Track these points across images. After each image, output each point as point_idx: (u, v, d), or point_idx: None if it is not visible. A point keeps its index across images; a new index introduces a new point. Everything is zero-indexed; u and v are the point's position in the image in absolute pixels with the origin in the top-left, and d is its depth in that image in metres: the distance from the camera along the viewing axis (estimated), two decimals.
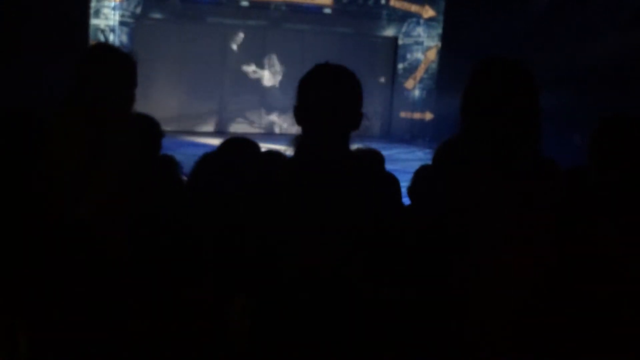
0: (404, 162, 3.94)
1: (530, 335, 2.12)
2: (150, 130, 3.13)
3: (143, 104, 2.99)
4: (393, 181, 2.30)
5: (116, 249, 2.56)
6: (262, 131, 15.84)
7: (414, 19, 16.25)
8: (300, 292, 2.10)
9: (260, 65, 15.99)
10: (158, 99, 13.62)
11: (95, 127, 2.58)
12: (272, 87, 16.09)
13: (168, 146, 3.36)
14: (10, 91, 10.40)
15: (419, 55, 16.44)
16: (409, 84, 16.55)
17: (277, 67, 16.04)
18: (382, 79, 16.69)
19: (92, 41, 13.66)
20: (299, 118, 2.17)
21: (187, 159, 3.06)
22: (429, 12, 16.17)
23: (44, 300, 2.55)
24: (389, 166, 3.75)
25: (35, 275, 2.54)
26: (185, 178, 3.06)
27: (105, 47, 3.03)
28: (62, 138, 2.59)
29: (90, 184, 2.55)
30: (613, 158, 2.37)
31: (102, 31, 13.88)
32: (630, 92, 10.49)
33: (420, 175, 3.33)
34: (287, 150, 2.24)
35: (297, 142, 2.18)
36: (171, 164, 3.29)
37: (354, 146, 2.23)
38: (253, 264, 2.18)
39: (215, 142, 3.16)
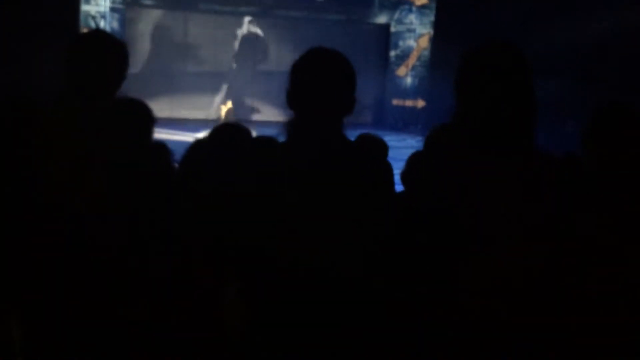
0: (396, 150, 3.93)
1: (526, 321, 2.12)
2: (142, 116, 3.10)
3: (133, 90, 2.97)
4: (386, 167, 2.29)
5: (110, 238, 2.55)
6: (258, 118, 15.80)
7: (406, 6, 16.21)
8: (295, 279, 2.09)
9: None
10: (148, 84, 13.54)
11: (88, 115, 2.56)
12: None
13: (160, 133, 3.34)
14: (1, 76, 10.34)
15: (411, 42, 16.41)
16: (401, 71, 16.52)
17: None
18: (374, 67, 16.65)
19: (82, 27, 13.57)
20: (292, 102, 2.16)
21: (179, 146, 3.04)
22: None
23: (38, 293, 2.54)
24: None
25: (30, 267, 2.52)
26: (176, 165, 3.04)
27: (97, 33, 3.01)
28: (55, 128, 2.58)
29: (84, 174, 2.53)
30: (608, 146, 2.36)
31: (93, 17, 13.78)
32: (623, 79, 10.49)
33: (414, 161, 3.31)
34: (280, 135, 2.23)
35: (290, 127, 2.17)
36: (163, 151, 3.27)
37: (358, 132, 2.23)
38: (247, 251, 2.18)
39: (208, 129, 3.13)
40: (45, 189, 2.55)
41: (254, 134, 3.10)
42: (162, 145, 3.28)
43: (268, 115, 15.14)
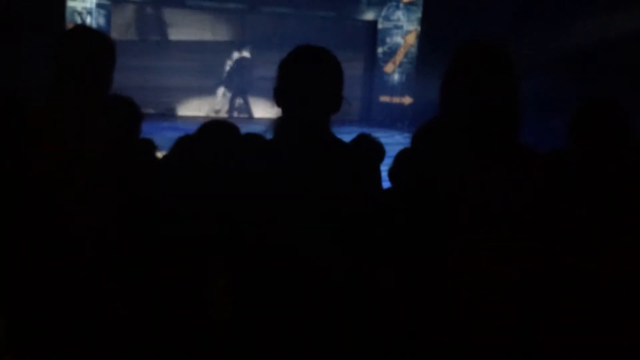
0: (384, 146, 3.95)
1: (514, 318, 2.14)
2: (129, 112, 3.11)
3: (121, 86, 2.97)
4: (373, 164, 2.30)
5: (97, 233, 2.55)
6: (244, 115, 15.80)
7: (394, 3, 16.24)
8: (282, 273, 2.10)
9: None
10: (137, 81, 13.49)
11: (75, 111, 2.55)
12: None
13: (148, 129, 3.34)
14: None
15: (398, 39, 16.44)
16: (389, 68, 16.54)
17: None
18: (362, 63, 16.67)
19: (69, 23, 13.49)
20: (279, 99, 2.16)
21: (167, 142, 3.04)
22: None
23: (25, 288, 2.53)
24: None
25: (16, 262, 2.52)
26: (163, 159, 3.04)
27: (83, 29, 2.99)
28: (42, 122, 2.57)
29: (71, 169, 2.52)
30: (592, 140, 2.39)
31: (79, 13, 13.71)
32: (610, 75, 10.56)
33: (401, 158, 3.33)
34: (267, 132, 2.23)
35: (277, 124, 2.18)
36: (149, 146, 3.28)
37: (357, 132, 2.23)
38: (235, 246, 2.18)
39: (195, 125, 3.13)
40: (32, 183, 2.54)
41: (242, 130, 3.10)
42: (148, 140, 3.28)
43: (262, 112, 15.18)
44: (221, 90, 16.00)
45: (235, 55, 15.98)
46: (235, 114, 15.75)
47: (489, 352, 2.10)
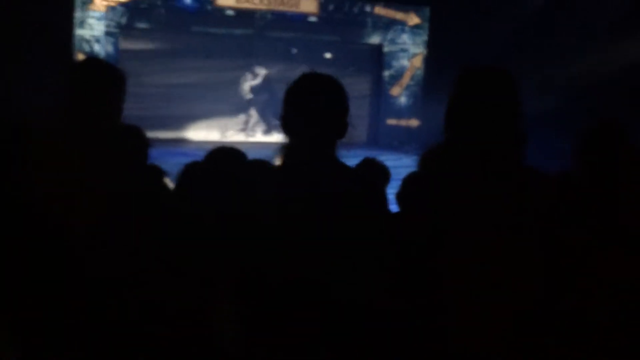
0: (392, 169, 3.96)
1: (518, 343, 2.13)
2: (136, 140, 3.13)
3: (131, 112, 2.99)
4: (378, 189, 2.30)
5: (105, 259, 2.56)
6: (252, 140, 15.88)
7: (399, 27, 16.32)
8: (286, 299, 2.10)
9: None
10: (146, 107, 13.58)
11: (83, 140, 2.58)
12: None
13: (156, 155, 3.35)
14: None
15: (404, 62, 16.50)
16: (395, 91, 16.60)
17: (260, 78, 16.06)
18: (368, 87, 16.74)
19: (77, 52, 13.63)
20: (286, 127, 2.18)
21: (175, 169, 3.05)
22: (414, 19, 16.24)
23: (33, 312, 2.54)
24: None
25: (25, 289, 2.53)
26: (171, 187, 3.05)
27: (95, 61, 3.03)
28: (51, 151, 2.59)
29: (79, 197, 2.54)
30: (598, 162, 2.39)
31: (87, 41, 13.84)
32: (617, 98, 10.57)
33: (408, 182, 3.33)
34: (274, 159, 2.25)
35: (284, 151, 2.19)
36: (157, 173, 3.29)
37: (363, 157, 2.24)
38: (240, 272, 2.18)
39: (203, 151, 3.15)
40: (39, 211, 2.55)
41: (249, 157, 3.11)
42: (156, 167, 3.29)
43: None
44: (243, 115, 16.11)
45: (247, 78, 16.08)
46: (259, 136, 15.83)
47: None
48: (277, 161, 2.22)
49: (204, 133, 15.75)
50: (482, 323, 2.12)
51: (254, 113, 16.18)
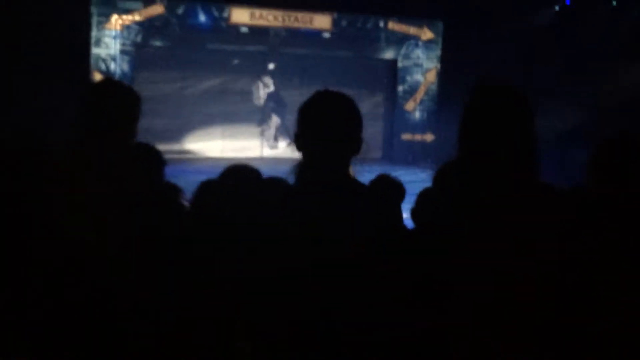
0: (407, 184, 3.95)
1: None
2: (152, 159, 3.15)
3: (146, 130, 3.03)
4: (392, 206, 2.31)
5: (122, 279, 2.57)
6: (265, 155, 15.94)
7: (413, 41, 16.35)
8: (302, 316, 2.10)
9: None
10: (160, 124, 13.68)
11: (100, 160, 2.61)
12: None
13: (172, 173, 3.38)
14: (11, 119, 10.47)
15: (418, 77, 16.53)
16: (409, 105, 16.61)
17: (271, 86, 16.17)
18: (382, 101, 16.78)
19: (93, 70, 13.77)
20: (300, 145, 2.19)
21: (191, 186, 3.07)
22: (427, 34, 16.27)
23: (52, 334, 2.55)
24: None
25: (43, 308, 2.54)
26: (187, 204, 3.06)
27: (111, 82, 3.09)
28: (68, 171, 2.62)
29: (97, 216, 2.57)
30: (612, 177, 2.38)
31: (104, 60, 13.98)
32: (632, 112, 10.54)
33: (423, 198, 3.33)
34: (289, 177, 2.25)
35: (298, 168, 2.20)
36: (174, 191, 3.31)
37: (378, 172, 2.24)
38: (255, 289, 2.19)
39: (219, 168, 3.16)
40: (57, 231, 2.58)
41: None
42: (172, 185, 3.31)
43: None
44: (262, 129, 16.19)
45: (261, 94, 16.16)
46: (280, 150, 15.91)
47: None
48: (292, 179, 2.23)
49: (219, 148, 15.82)
50: (496, 339, 2.12)
51: (272, 123, 16.26)
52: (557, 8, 15.36)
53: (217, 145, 15.87)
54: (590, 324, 2.16)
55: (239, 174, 3.03)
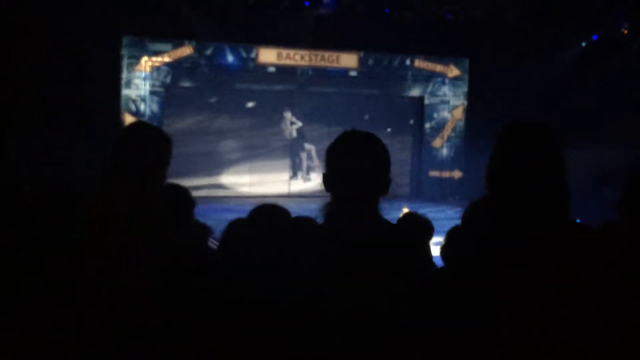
0: (436, 222, 3.95)
1: None
2: (181, 200, 3.19)
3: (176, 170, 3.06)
4: (421, 245, 2.30)
5: (151, 319, 2.58)
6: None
7: (439, 79, 16.40)
8: (332, 358, 2.09)
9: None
10: (189, 163, 13.82)
11: (131, 203, 2.64)
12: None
13: (201, 212, 3.41)
14: (44, 163, 10.64)
15: (445, 114, 16.54)
16: (437, 142, 16.60)
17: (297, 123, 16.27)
18: (410, 139, 16.79)
19: (124, 111, 13.98)
20: (328, 185, 2.20)
21: (220, 223, 3.09)
22: (453, 71, 16.31)
23: None
24: None
25: (72, 350, 2.56)
26: (216, 245, 3.08)
27: (143, 125, 3.12)
28: (98, 217, 2.65)
29: (127, 261, 2.59)
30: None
31: (134, 101, 14.20)
32: None
33: (452, 237, 3.32)
34: (318, 217, 2.26)
35: (327, 209, 2.21)
36: (203, 231, 3.33)
37: (405, 210, 2.25)
38: (284, 331, 2.19)
39: (247, 207, 3.18)
40: (90, 274, 2.60)
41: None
42: (202, 225, 3.34)
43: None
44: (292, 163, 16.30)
45: (288, 132, 16.26)
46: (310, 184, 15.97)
47: None
48: (321, 219, 2.24)
49: (248, 185, 15.91)
50: None
51: (303, 156, 16.34)
52: (584, 44, 15.34)
53: (245, 184, 15.96)
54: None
55: (268, 214, 3.04)
